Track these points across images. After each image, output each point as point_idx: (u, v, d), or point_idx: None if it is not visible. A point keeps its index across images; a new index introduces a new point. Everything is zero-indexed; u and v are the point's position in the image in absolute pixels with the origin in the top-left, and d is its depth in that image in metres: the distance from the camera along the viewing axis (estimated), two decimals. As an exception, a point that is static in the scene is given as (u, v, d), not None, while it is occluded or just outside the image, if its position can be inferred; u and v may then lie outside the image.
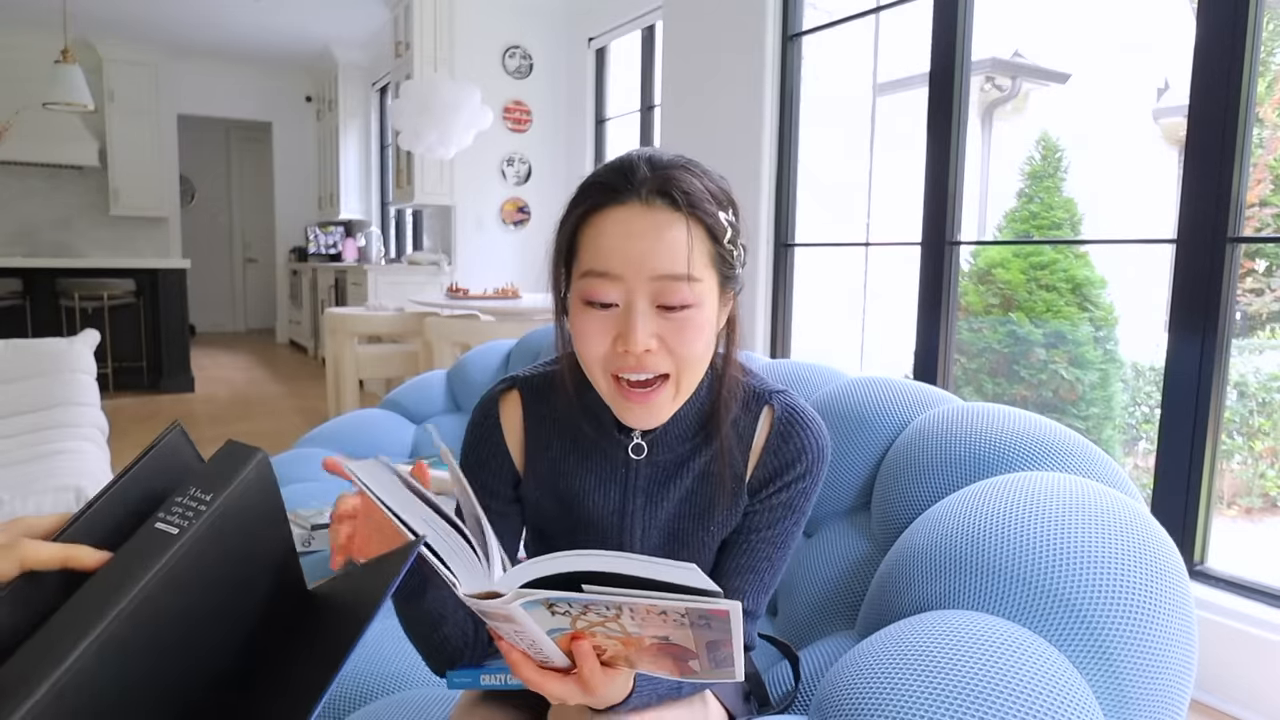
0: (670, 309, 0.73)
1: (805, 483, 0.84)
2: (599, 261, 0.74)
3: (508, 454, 0.88)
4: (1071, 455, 1.06)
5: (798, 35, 3.11)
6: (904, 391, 1.31)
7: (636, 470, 0.85)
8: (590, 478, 0.86)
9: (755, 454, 0.84)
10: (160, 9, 6.47)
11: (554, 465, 0.87)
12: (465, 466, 0.89)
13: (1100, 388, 3.43)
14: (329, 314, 4.63)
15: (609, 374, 0.77)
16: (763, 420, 0.85)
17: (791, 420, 0.84)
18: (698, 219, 0.74)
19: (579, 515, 0.87)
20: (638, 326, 0.73)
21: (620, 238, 0.73)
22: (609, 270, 0.73)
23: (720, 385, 0.83)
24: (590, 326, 0.75)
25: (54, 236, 7.69)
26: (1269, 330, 3.64)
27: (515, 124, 5.72)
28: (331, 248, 7.66)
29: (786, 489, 0.84)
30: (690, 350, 0.75)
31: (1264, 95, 3.47)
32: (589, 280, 0.74)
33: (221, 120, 8.94)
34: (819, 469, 0.85)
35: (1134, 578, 0.80)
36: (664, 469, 0.85)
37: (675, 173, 0.74)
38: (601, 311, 0.75)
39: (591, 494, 0.86)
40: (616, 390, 0.77)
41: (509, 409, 0.89)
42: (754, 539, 0.85)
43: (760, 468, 0.84)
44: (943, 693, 0.70)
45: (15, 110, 6.84)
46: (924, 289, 2.64)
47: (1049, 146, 3.69)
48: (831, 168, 3.38)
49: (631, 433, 0.84)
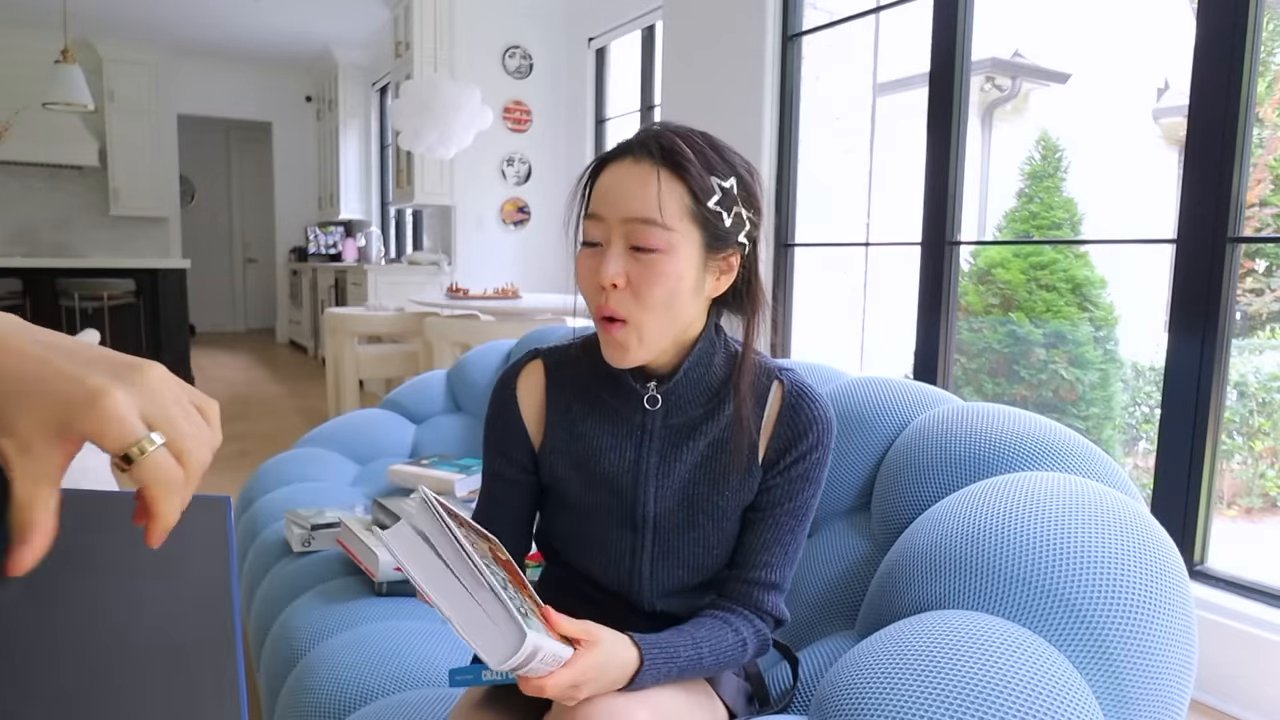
0: (639, 250, 0.80)
1: (818, 453, 0.89)
2: (592, 205, 0.84)
3: (523, 425, 0.94)
4: (1071, 455, 1.06)
5: (798, 35, 3.11)
6: (904, 391, 1.31)
7: (652, 431, 0.89)
8: (606, 436, 0.91)
9: (769, 427, 0.89)
10: (160, 9, 6.47)
11: (572, 427, 0.92)
12: (487, 433, 0.97)
13: (1100, 388, 3.43)
14: (329, 314, 4.63)
15: (599, 315, 0.84)
16: (773, 395, 0.90)
17: (800, 394, 0.89)
18: (676, 175, 0.80)
19: (595, 471, 0.91)
20: (609, 260, 0.81)
21: (609, 185, 0.83)
22: (595, 211, 0.83)
23: (744, 352, 0.88)
24: (583, 265, 0.84)
25: (54, 236, 7.69)
26: (1269, 330, 3.64)
27: (515, 124, 5.72)
28: (331, 248, 7.66)
29: (801, 460, 0.88)
30: (650, 293, 0.81)
31: (1264, 95, 3.47)
32: (585, 223, 0.85)
33: (221, 120, 8.93)
34: (828, 440, 0.89)
35: (1134, 578, 0.80)
36: (678, 430, 0.89)
37: (670, 136, 0.82)
38: (591, 250, 0.84)
39: (607, 452, 0.90)
40: (601, 329, 0.84)
41: (530, 380, 0.95)
42: (777, 512, 0.89)
43: (775, 439, 0.89)
44: (943, 693, 0.70)
45: (15, 110, 6.84)
46: (924, 289, 2.64)
47: (1049, 146, 3.69)
48: (831, 168, 3.37)
49: (648, 384, 0.89)
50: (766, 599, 0.89)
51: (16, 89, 6.80)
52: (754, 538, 0.90)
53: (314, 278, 7.70)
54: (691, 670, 0.81)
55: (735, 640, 0.86)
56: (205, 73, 8.20)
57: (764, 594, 0.89)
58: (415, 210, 6.83)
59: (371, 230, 7.04)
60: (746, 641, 0.87)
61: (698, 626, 0.85)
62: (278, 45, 7.60)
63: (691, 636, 0.83)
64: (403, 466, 1.92)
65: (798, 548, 0.91)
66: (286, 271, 8.93)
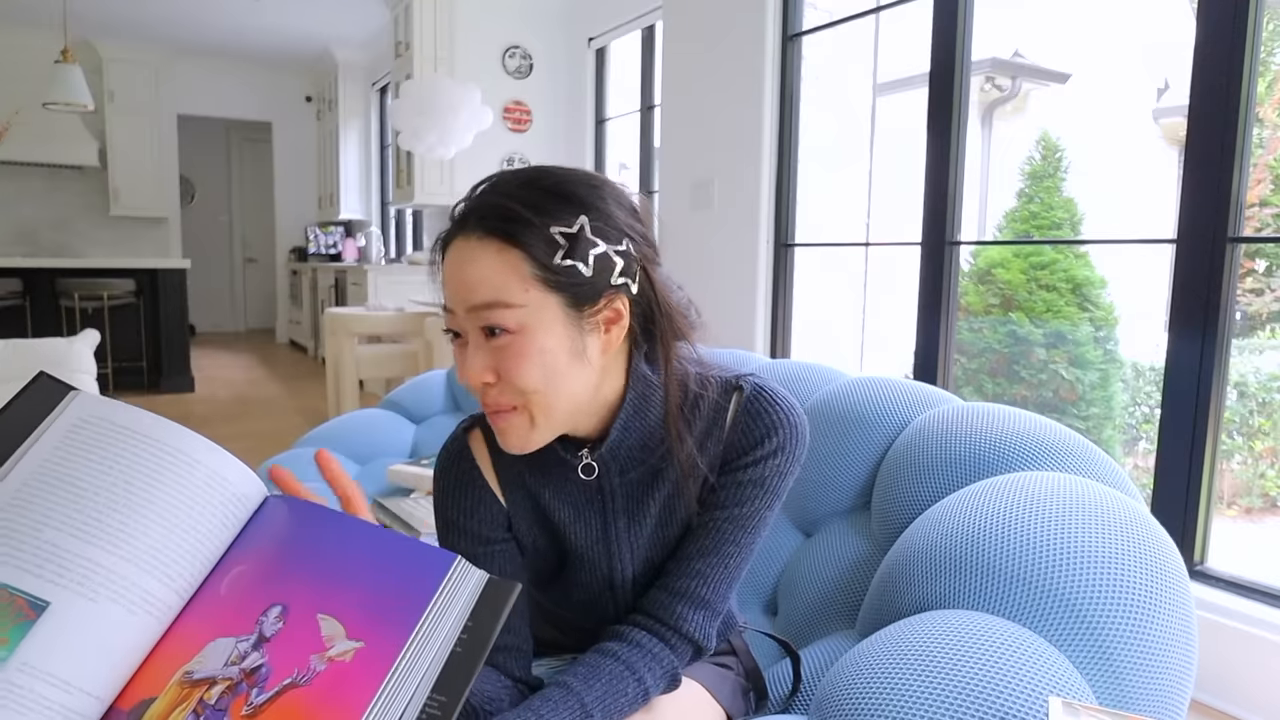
0: (494, 336, 0.72)
1: (778, 460, 0.80)
2: (443, 295, 0.76)
3: (492, 492, 0.84)
4: (1071, 455, 1.06)
5: (798, 35, 3.11)
6: (904, 391, 1.31)
7: (612, 492, 0.82)
8: (568, 509, 0.83)
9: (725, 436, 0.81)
10: (160, 9, 6.47)
11: (534, 500, 0.84)
12: (448, 521, 0.84)
13: (1100, 388, 3.43)
14: (329, 314, 4.63)
15: (482, 405, 0.76)
16: (733, 404, 0.82)
17: (759, 399, 0.81)
18: (508, 242, 0.70)
19: (564, 548, 0.84)
20: (466, 360, 0.73)
21: (449, 272, 0.74)
22: (445, 303, 0.75)
23: (667, 394, 0.79)
24: (456, 358, 0.76)
25: (54, 236, 7.69)
26: (1269, 330, 3.64)
27: (515, 124, 5.72)
28: (331, 248, 7.66)
29: (757, 465, 0.80)
30: (522, 380, 0.71)
31: (1264, 95, 3.47)
32: (444, 314, 0.77)
33: (221, 120, 8.94)
34: (792, 447, 0.81)
35: (1134, 578, 0.80)
36: (639, 484, 0.82)
37: (496, 196, 0.73)
38: (457, 341, 0.76)
39: (572, 525, 0.83)
40: (490, 419, 0.76)
41: (477, 449, 0.85)
42: (719, 517, 0.80)
43: (728, 447, 0.81)
44: (943, 693, 0.70)
45: (15, 110, 6.84)
46: (924, 289, 2.64)
47: (1049, 146, 3.69)
48: (831, 168, 3.38)
49: (580, 453, 0.81)
50: (690, 617, 0.79)
51: (16, 89, 6.81)
52: (690, 543, 0.81)
53: (314, 278, 7.70)
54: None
55: (635, 691, 0.75)
56: (205, 73, 8.20)
57: (688, 610, 0.79)
58: (415, 210, 6.83)
59: (371, 230, 7.04)
60: (649, 690, 0.76)
61: (592, 680, 0.74)
62: (278, 45, 7.60)
63: (581, 701, 0.72)
64: (402, 466, 1.92)
65: (740, 564, 0.80)
66: (286, 271, 8.93)
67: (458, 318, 0.74)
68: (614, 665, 0.75)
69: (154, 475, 0.56)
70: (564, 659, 0.96)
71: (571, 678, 0.74)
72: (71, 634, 0.52)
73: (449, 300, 0.74)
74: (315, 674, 0.51)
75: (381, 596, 0.54)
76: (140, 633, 0.54)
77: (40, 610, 0.51)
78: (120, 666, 0.53)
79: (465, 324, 0.73)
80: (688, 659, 0.80)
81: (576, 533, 0.83)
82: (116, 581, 0.53)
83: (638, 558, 0.84)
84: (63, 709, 0.50)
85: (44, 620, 0.51)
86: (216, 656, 0.53)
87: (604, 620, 0.85)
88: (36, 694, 0.50)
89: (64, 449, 0.56)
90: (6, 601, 0.51)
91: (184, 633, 0.55)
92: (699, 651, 0.80)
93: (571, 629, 0.93)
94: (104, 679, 0.52)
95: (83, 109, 5.10)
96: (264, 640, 0.53)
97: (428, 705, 0.50)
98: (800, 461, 0.82)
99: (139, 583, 0.54)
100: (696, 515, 0.82)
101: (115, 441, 0.57)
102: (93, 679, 0.52)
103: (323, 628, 0.53)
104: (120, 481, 0.56)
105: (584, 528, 0.83)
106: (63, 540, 0.53)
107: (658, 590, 0.81)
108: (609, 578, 0.85)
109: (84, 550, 0.53)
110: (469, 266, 0.72)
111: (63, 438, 0.57)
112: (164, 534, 0.55)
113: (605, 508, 0.83)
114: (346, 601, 0.54)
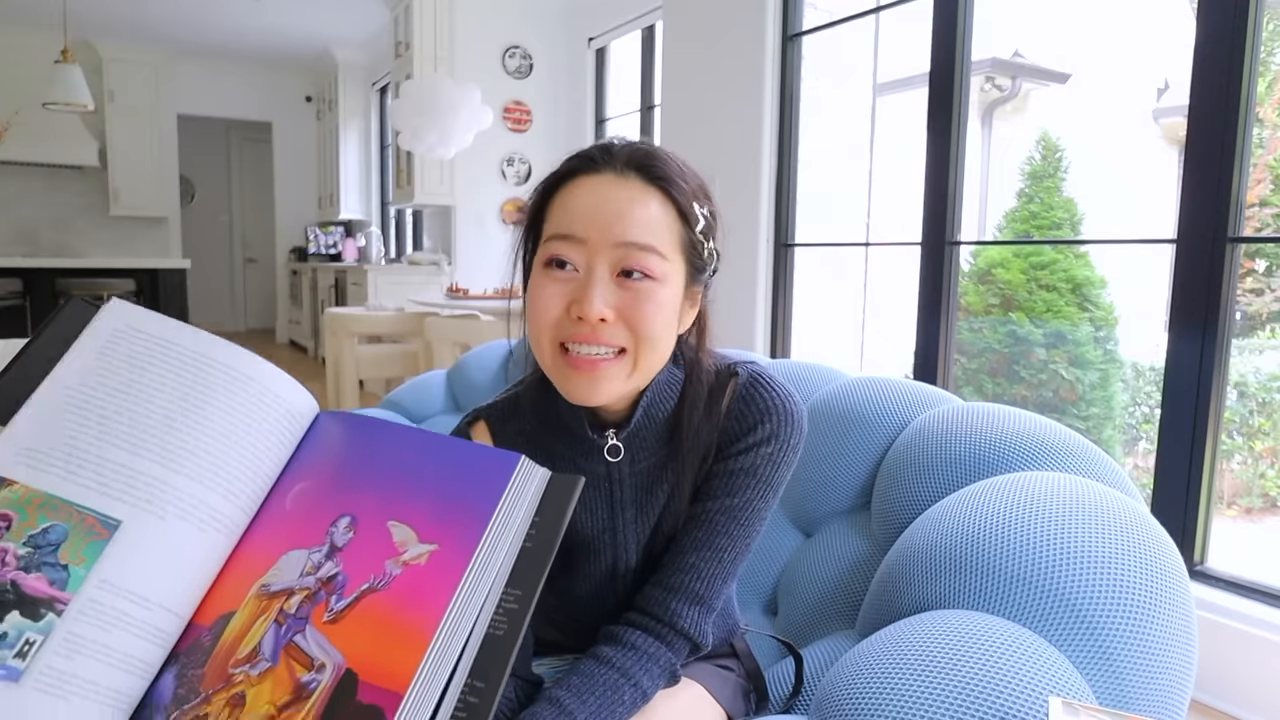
0: (632, 277, 0.72)
1: (771, 448, 0.79)
2: (564, 224, 0.73)
3: None
4: (1071, 455, 1.06)
5: (798, 35, 3.11)
6: (904, 391, 1.31)
7: (621, 481, 0.82)
8: None
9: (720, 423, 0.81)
10: (160, 9, 6.47)
11: None
12: None
13: (1100, 388, 3.43)
14: (329, 314, 4.63)
15: (557, 343, 0.74)
16: (729, 391, 0.82)
17: (754, 385, 0.81)
18: (672, 198, 0.73)
19: (572, 536, 0.83)
20: (595, 293, 0.71)
21: (590, 203, 0.72)
22: (573, 233, 0.72)
23: (687, 386, 0.80)
24: (547, 290, 0.73)
25: (54, 236, 7.69)
26: (1269, 330, 3.64)
27: (515, 124, 5.72)
28: (331, 248, 7.66)
29: (750, 452, 0.79)
30: (650, 325, 0.72)
31: (1264, 95, 3.47)
32: (552, 244, 0.73)
33: (221, 120, 8.93)
34: (788, 434, 0.80)
35: (1134, 578, 0.80)
36: (648, 475, 0.82)
37: (654, 152, 0.75)
38: (560, 274, 0.73)
39: (580, 514, 0.82)
40: (562, 360, 0.74)
41: (479, 440, 0.85)
42: (711, 508, 0.79)
43: (721, 433, 0.80)
44: (943, 693, 0.70)
45: (15, 110, 6.84)
46: (924, 289, 2.64)
47: (1049, 146, 3.69)
48: (831, 167, 3.38)
49: (606, 433, 0.80)
50: (685, 613, 0.77)
51: (16, 89, 6.80)
52: (684, 537, 0.79)
53: (314, 278, 7.70)
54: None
55: (633, 697, 0.74)
56: (205, 73, 8.20)
57: (684, 606, 0.77)
58: (415, 210, 6.83)
59: (371, 230, 7.04)
60: (647, 692, 0.75)
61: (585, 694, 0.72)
62: (278, 45, 7.60)
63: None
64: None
65: (734, 558, 0.79)
66: (286, 271, 8.93)
67: (588, 248, 0.72)
68: (608, 674, 0.74)
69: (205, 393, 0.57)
70: (565, 659, 0.96)
71: (564, 692, 0.72)
72: (146, 552, 0.52)
73: (583, 229, 0.72)
74: (392, 578, 0.53)
75: (450, 499, 0.56)
76: (211, 549, 0.54)
77: (112, 529, 0.52)
78: (195, 583, 0.54)
79: (599, 258, 0.72)
80: (685, 655, 0.80)
81: (584, 521, 0.83)
82: (184, 499, 0.54)
83: (641, 548, 0.84)
84: (144, 625, 0.51)
85: (117, 538, 0.51)
86: (291, 568, 0.55)
87: (604, 612, 0.85)
88: (119, 610, 0.50)
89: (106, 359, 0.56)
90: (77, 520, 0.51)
91: (254, 548, 0.56)
92: (696, 648, 0.80)
93: (572, 629, 0.93)
94: (181, 595, 0.53)
95: (83, 109, 5.10)
96: (336, 550, 0.55)
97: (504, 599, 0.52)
98: (796, 451, 0.81)
99: (205, 500, 0.54)
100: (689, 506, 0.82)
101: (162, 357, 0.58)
102: (170, 595, 0.52)
103: (394, 534, 0.55)
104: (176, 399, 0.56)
105: (590, 517, 0.83)
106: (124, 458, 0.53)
107: (652, 586, 0.80)
108: (612, 567, 0.85)
109: (147, 468, 0.53)
110: (633, 206, 0.72)
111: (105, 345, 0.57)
112: (223, 450, 0.56)
113: (614, 497, 0.82)
114: (415, 507, 0.56)
